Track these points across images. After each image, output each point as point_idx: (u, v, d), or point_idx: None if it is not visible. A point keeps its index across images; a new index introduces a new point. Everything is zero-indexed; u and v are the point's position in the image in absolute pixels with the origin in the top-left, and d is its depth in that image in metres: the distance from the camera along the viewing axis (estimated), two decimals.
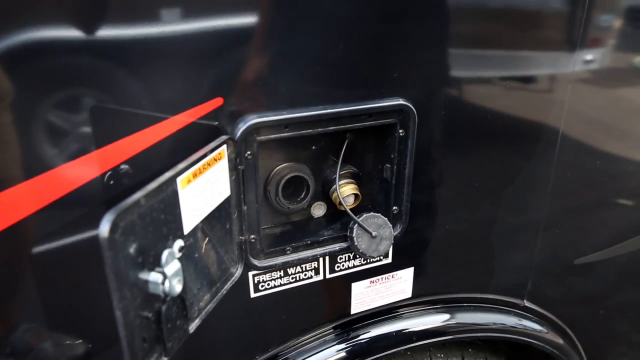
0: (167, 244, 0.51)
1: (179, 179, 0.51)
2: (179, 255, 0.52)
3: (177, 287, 0.50)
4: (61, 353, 0.63)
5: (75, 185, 0.55)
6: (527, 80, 0.92)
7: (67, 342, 0.64)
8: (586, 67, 0.99)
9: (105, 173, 0.58)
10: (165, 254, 0.50)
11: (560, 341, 1.10)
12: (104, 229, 0.43)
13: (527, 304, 1.05)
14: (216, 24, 0.57)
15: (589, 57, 1.02)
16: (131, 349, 0.48)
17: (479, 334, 1.00)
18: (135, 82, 0.58)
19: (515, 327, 1.03)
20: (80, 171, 0.55)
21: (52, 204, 0.54)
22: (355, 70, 0.69)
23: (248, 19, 0.61)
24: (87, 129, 0.55)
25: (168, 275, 0.49)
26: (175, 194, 0.51)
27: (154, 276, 0.48)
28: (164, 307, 0.50)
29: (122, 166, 0.57)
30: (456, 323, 0.96)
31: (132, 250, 0.46)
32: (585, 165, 1.10)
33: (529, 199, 1.01)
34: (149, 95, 0.59)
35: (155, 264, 0.50)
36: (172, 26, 0.55)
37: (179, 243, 0.53)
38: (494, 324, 1.01)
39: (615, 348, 1.36)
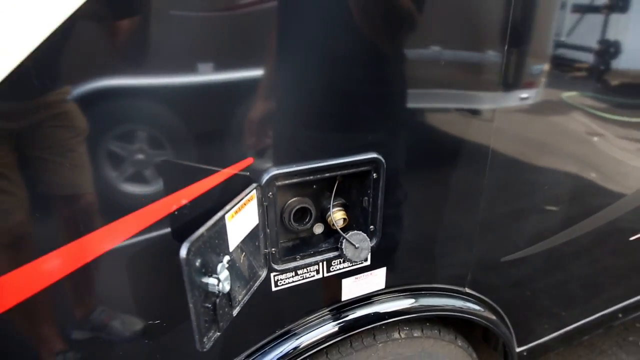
0: (219, 258, 0.57)
1: (226, 216, 0.58)
2: (227, 265, 0.58)
3: (227, 287, 0.57)
4: (128, 329, 0.67)
5: (157, 218, 0.63)
6: (475, 112, 0.92)
7: (138, 322, 0.68)
8: (522, 103, 1.00)
9: (174, 211, 0.63)
10: (219, 266, 0.56)
11: (493, 317, 1.11)
12: (183, 252, 0.51)
13: (467, 290, 1.06)
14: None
15: (524, 95, 1.03)
16: (198, 327, 0.54)
17: (434, 313, 1.01)
18: (196, 149, 0.61)
19: (461, 308, 1.04)
20: (159, 209, 0.63)
21: (147, 227, 0.61)
22: (343, 136, 0.72)
23: (264, 110, 0.64)
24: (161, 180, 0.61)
25: (221, 279, 0.56)
26: (224, 226, 0.58)
27: (212, 280, 0.55)
28: (217, 300, 0.57)
29: (187, 204, 0.62)
30: (417, 305, 0.97)
31: (198, 264, 0.53)
32: (518, 177, 1.09)
33: (468, 207, 1.00)
34: (206, 155, 0.61)
35: (212, 272, 0.56)
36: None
37: (227, 258, 0.59)
38: (445, 305, 1.02)
39: (538, 319, 1.33)
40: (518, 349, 1.24)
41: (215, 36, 0.56)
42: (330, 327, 0.86)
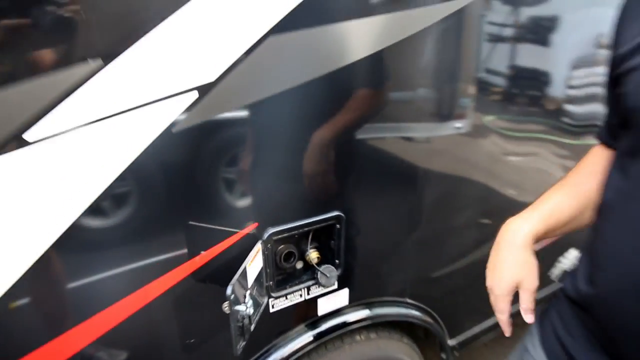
0: (244, 292, 0.84)
1: (246, 264, 0.88)
2: (249, 297, 0.86)
3: (251, 311, 0.85)
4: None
5: (198, 266, 0.92)
6: (418, 140, 1.13)
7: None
8: (456, 131, 1.21)
9: (211, 259, 0.93)
10: (246, 296, 0.84)
11: (429, 319, 1.38)
12: (229, 290, 0.79)
13: (408, 300, 1.31)
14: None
15: (457, 124, 1.24)
16: (235, 339, 0.80)
17: (384, 319, 1.25)
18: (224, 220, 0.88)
19: (404, 314, 1.30)
20: (200, 260, 0.91)
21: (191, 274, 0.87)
22: (317, 204, 1.00)
23: (264, 191, 0.93)
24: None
25: (247, 306, 0.83)
26: (246, 271, 0.86)
27: (242, 307, 0.80)
28: (245, 320, 0.82)
29: (219, 254, 0.89)
30: (372, 314, 1.21)
31: (233, 297, 0.83)
32: (453, 194, 1.30)
33: (406, 231, 1.21)
34: (228, 223, 0.87)
35: (241, 301, 0.82)
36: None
37: (249, 291, 0.88)
38: (392, 312, 1.27)
39: (464, 317, 1.58)
40: (450, 342, 1.52)
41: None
42: (310, 336, 1.12)
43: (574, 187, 0.79)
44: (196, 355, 0.94)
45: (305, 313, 1.12)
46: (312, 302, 1.10)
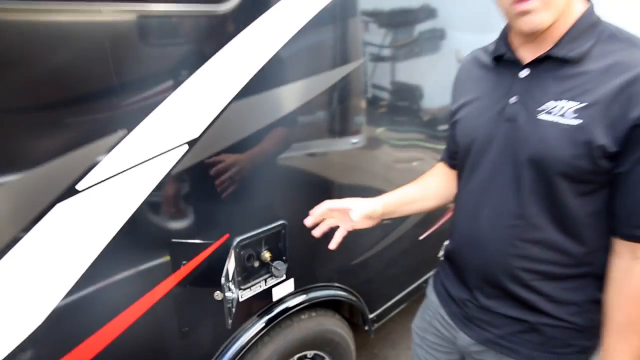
0: (229, 284, 1.21)
1: (227, 265, 1.22)
2: (233, 287, 1.22)
3: (235, 296, 1.21)
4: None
5: (192, 269, 1.22)
6: (321, 154, 1.41)
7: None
8: (353, 145, 1.49)
9: (198, 265, 1.25)
10: (230, 287, 1.20)
11: (353, 298, 1.71)
12: (222, 282, 1.13)
13: (336, 284, 1.64)
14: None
15: (354, 140, 1.51)
16: (227, 316, 1.17)
17: (320, 299, 1.56)
18: (205, 233, 1.24)
19: (334, 295, 1.62)
20: (193, 264, 1.22)
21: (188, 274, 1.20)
22: (266, 216, 1.33)
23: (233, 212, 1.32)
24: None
25: (233, 293, 1.20)
26: (227, 270, 1.22)
27: (230, 294, 1.18)
28: (231, 303, 1.20)
29: (204, 260, 1.24)
30: (311, 297, 1.53)
31: (224, 287, 1.16)
32: (346, 195, 1.39)
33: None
34: (209, 235, 1.21)
35: (228, 290, 1.18)
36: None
37: (231, 284, 1.23)
38: (325, 295, 1.58)
39: (380, 293, 1.91)
40: (370, 315, 1.86)
41: None
42: (268, 317, 1.42)
43: (420, 183, 1.18)
44: (192, 337, 1.25)
45: (264, 300, 1.45)
46: (269, 291, 1.42)
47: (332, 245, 1.10)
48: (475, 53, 1.05)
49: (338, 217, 1.10)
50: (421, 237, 2.09)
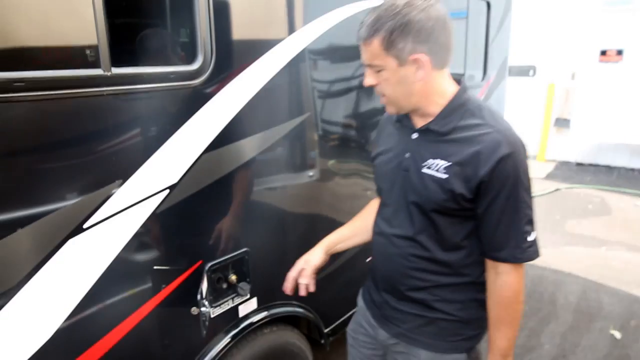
0: (204, 303, 1.48)
1: (202, 286, 1.49)
2: (207, 304, 1.49)
3: (209, 311, 1.47)
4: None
5: (171, 290, 1.48)
6: (281, 188, 1.84)
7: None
8: (310, 179, 1.77)
9: (176, 288, 1.51)
10: (205, 303, 1.47)
11: (310, 314, 1.92)
12: (198, 298, 1.40)
13: (294, 302, 1.82)
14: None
15: (310, 173, 1.78)
16: (202, 328, 1.43)
17: (280, 315, 1.76)
18: (181, 260, 1.50)
19: (292, 311, 1.83)
20: (173, 285, 1.48)
21: (168, 295, 1.46)
22: (231, 246, 1.63)
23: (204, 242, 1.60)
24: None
25: (207, 308, 1.47)
26: (202, 291, 1.49)
27: (205, 309, 1.45)
28: (206, 316, 1.46)
29: (181, 283, 1.50)
30: (272, 313, 1.74)
31: (200, 304, 1.42)
32: (313, 228, 1.84)
33: (283, 253, 1.68)
34: (184, 262, 1.50)
35: (203, 306, 1.45)
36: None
37: (205, 301, 1.49)
38: (285, 311, 1.79)
39: (334, 309, 2.10)
40: (325, 330, 2.05)
41: None
42: (235, 331, 1.62)
43: (353, 222, 1.49)
44: (172, 349, 1.50)
45: (232, 316, 1.69)
46: (235, 309, 1.64)
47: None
48: (387, 114, 1.32)
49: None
50: (367, 260, 2.32)
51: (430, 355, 1.25)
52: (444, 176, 1.10)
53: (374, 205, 1.54)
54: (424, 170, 1.14)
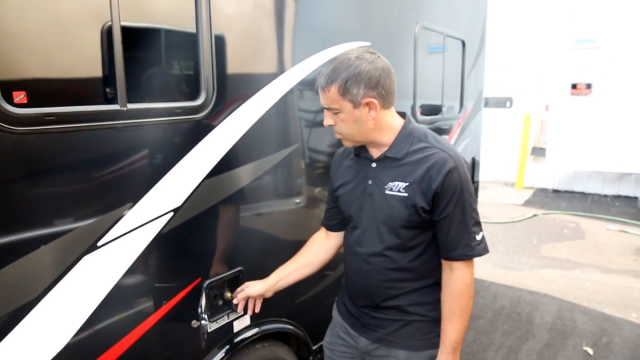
0: (203, 317, 1.60)
1: (202, 303, 1.61)
2: (206, 318, 1.61)
3: (208, 325, 1.59)
4: None
5: (172, 306, 1.60)
6: (270, 214, 2.10)
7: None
8: (297, 206, 1.91)
9: (177, 303, 1.62)
10: (205, 317, 1.59)
11: (299, 331, 2.00)
12: (199, 311, 1.52)
13: (284, 319, 1.92)
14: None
15: (297, 200, 1.93)
16: (202, 339, 1.55)
17: (271, 332, 1.86)
18: (179, 279, 1.65)
19: (282, 328, 1.92)
20: (174, 303, 1.60)
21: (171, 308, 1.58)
22: (227, 265, 1.78)
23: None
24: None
25: (207, 322, 1.58)
26: (202, 306, 1.61)
27: (204, 322, 1.56)
28: (205, 329, 1.58)
29: (183, 298, 1.62)
30: (263, 329, 1.82)
31: (200, 317, 1.55)
32: (291, 245, 1.89)
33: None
34: (184, 280, 1.62)
35: (202, 320, 1.57)
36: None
37: (205, 315, 1.62)
38: (275, 327, 1.88)
39: (321, 327, 2.00)
40: (313, 347, 2.11)
41: None
42: (229, 345, 1.71)
43: (297, 258, 1.62)
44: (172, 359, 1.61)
45: (227, 330, 1.80)
46: (230, 324, 1.74)
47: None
48: (344, 149, 1.52)
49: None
50: None
51: (408, 354, 1.39)
52: (405, 194, 1.29)
53: (316, 239, 1.69)
54: (387, 192, 1.33)
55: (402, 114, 1.38)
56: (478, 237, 1.32)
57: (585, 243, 5.30)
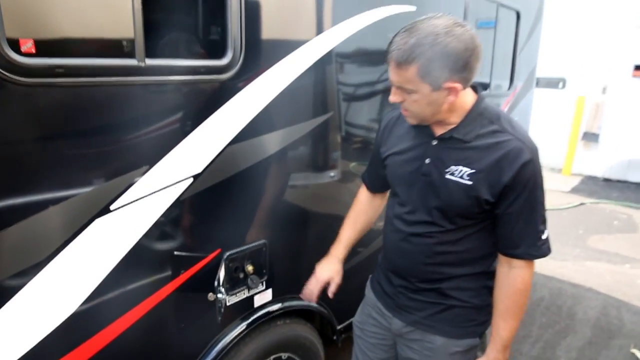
0: (220, 289, 1.51)
1: (220, 274, 1.53)
2: (223, 291, 1.52)
3: (225, 298, 1.51)
4: None
5: (190, 275, 1.52)
6: (302, 186, 1.98)
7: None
8: (331, 179, 1.81)
9: (195, 272, 1.55)
10: (222, 290, 1.50)
11: (323, 309, 1.91)
12: (216, 284, 1.44)
13: None
14: None
15: (331, 173, 1.82)
16: (217, 314, 1.47)
17: (293, 309, 1.77)
18: (201, 247, 1.56)
19: (306, 305, 1.81)
20: (193, 270, 1.52)
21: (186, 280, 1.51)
22: (250, 235, 1.67)
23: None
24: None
25: (224, 295, 1.50)
26: (219, 277, 1.52)
27: (221, 296, 1.47)
28: (222, 303, 1.49)
29: (201, 268, 1.54)
30: (285, 305, 1.75)
31: (216, 290, 1.46)
32: (332, 228, 1.67)
33: (301, 251, 1.84)
34: (205, 249, 1.55)
35: (219, 293, 1.48)
36: None
37: (222, 288, 1.53)
38: (298, 304, 1.78)
39: (346, 306, 1.90)
40: (338, 326, 2.03)
41: None
42: (250, 320, 1.64)
43: (357, 222, 1.53)
44: (187, 332, 1.54)
45: (247, 305, 1.70)
46: (251, 298, 1.66)
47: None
48: (399, 113, 1.32)
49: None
50: None
51: (445, 341, 1.29)
52: (469, 182, 1.14)
53: (365, 199, 1.57)
54: (447, 176, 1.18)
55: (474, 88, 1.21)
56: (544, 237, 1.19)
57: (637, 237, 4.90)
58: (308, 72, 1.67)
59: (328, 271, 1.49)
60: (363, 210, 1.54)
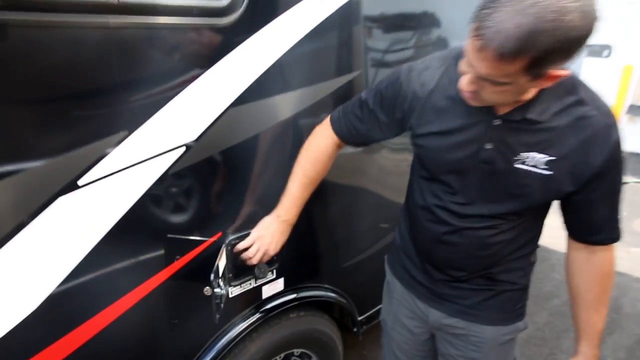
0: (218, 281, 1.27)
1: (218, 262, 1.27)
2: (222, 283, 1.27)
3: (224, 292, 1.26)
4: None
5: (190, 259, 1.28)
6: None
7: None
8: (355, 150, 1.47)
9: (194, 257, 1.31)
10: (220, 283, 1.25)
11: (343, 300, 1.73)
12: (212, 278, 1.19)
13: (326, 285, 1.65)
14: None
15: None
16: (214, 311, 1.22)
17: (308, 299, 1.58)
18: (201, 231, 1.31)
19: (323, 295, 1.64)
20: (195, 253, 1.27)
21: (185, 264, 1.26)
22: (255, 216, 1.37)
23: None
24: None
25: (222, 289, 1.25)
26: (217, 267, 1.27)
27: (218, 290, 1.21)
28: (220, 299, 1.25)
29: (198, 254, 1.30)
30: (299, 296, 1.55)
31: (213, 284, 1.22)
32: (355, 202, 1.65)
33: (322, 236, 1.61)
34: (205, 233, 1.29)
35: (217, 286, 1.21)
36: None
37: (220, 280, 1.29)
38: (314, 295, 1.60)
39: (368, 296, 1.87)
40: (359, 317, 1.87)
41: None
42: (257, 314, 1.45)
43: (309, 173, 1.25)
44: (181, 329, 1.30)
45: (254, 297, 1.50)
46: (258, 289, 1.45)
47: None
48: (438, 78, 1.03)
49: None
50: None
51: (495, 331, 1.17)
52: (548, 172, 0.93)
53: (327, 151, 1.26)
54: (517, 165, 0.95)
55: None
56: (621, 217, 1.03)
57: None
58: (330, 21, 1.36)
59: (266, 241, 1.27)
60: (323, 162, 1.26)
